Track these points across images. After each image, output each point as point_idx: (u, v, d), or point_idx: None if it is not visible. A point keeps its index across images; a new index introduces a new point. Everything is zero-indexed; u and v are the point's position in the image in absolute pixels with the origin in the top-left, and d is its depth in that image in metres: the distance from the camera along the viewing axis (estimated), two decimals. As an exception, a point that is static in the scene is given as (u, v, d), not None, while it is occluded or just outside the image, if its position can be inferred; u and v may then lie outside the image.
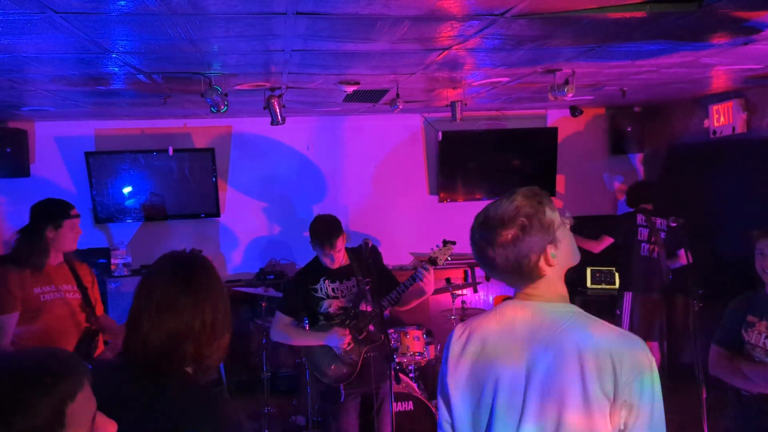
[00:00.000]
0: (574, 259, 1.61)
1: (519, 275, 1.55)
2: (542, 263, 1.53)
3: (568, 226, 1.61)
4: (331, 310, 3.47)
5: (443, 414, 1.68)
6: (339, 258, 3.45)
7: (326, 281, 3.47)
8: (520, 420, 1.49)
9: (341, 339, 3.37)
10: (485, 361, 1.57)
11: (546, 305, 1.55)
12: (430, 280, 3.34)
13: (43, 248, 3.13)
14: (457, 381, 1.61)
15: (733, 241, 5.08)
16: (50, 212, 3.17)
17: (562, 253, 1.55)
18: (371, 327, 3.48)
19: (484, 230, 1.55)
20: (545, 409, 1.47)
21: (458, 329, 1.67)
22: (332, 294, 3.47)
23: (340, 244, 3.41)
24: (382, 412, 3.55)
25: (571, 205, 6.71)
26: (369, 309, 3.45)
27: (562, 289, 1.59)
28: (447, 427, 1.66)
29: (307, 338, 3.56)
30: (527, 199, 1.53)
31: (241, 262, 6.27)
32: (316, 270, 3.51)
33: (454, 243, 3.48)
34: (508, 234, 1.50)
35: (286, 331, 3.53)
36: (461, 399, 1.60)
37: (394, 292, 3.41)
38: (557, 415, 1.45)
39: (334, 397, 3.48)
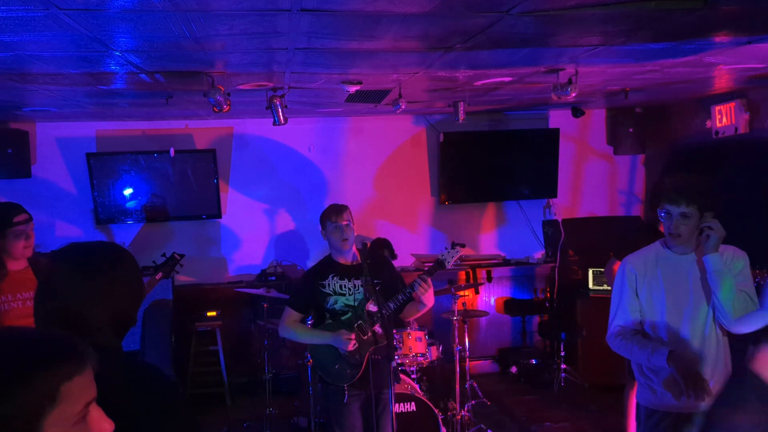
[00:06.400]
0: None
1: None
2: None
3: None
4: (336, 306, 3.45)
5: None
6: (350, 240, 3.45)
7: (335, 277, 3.47)
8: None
9: (346, 342, 3.35)
10: None
11: None
12: (426, 291, 3.31)
13: None
14: None
15: (735, 241, 5.06)
16: None
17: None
18: (377, 328, 3.44)
19: None
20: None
21: None
22: (339, 290, 3.47)
23: (347, 216, 3.44)
24: (385, 414, 3.50)
25: (573, 206, 6.71)
26: (375, 309, 3.40)
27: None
28: None
29: (313, 337, 3.54)
30: None
31: (242, 264, 6.25)
32: (326, 266, 3.53)
33: (462, 245, 3.47)
34: None
35: (293, 328, 3.54)
36: None
37: (400, 296, 3.37)
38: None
39: (338, 397, 3.44)
